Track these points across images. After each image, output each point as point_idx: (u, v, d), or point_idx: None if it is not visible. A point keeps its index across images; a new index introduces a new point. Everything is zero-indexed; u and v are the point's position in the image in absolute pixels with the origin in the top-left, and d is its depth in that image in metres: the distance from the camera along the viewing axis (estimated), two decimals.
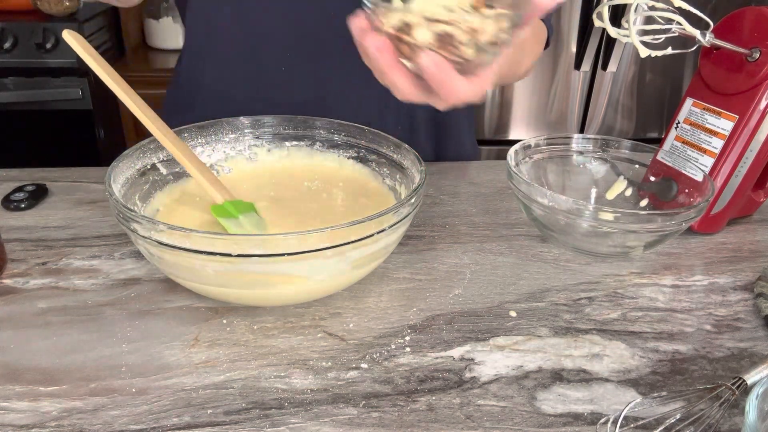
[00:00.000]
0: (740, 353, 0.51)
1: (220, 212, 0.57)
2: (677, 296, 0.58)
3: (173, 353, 0.48)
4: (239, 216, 0.57)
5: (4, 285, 0.56)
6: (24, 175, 0.76)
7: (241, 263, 0.45)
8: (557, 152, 0.72)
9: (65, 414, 0.42)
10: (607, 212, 0.57)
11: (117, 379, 0.45)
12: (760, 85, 0.62)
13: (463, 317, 0.54)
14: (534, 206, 0.62)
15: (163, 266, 0.50)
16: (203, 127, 0.65)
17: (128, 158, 0.57)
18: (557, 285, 0.59)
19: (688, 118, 0.69)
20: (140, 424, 0.42)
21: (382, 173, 0.65)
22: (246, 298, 0.52)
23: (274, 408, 0.43)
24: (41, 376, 0.45)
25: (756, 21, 0.64)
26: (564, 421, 0.43)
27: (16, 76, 1.64)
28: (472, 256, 0.63)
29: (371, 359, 0.48)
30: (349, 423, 0.42)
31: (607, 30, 0.61)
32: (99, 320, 0.52)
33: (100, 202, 0.71)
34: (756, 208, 0.74)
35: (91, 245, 0.62)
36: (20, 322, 0.51)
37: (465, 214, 0.72)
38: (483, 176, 0.82)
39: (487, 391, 0.46)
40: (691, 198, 0.65)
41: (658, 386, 0.47)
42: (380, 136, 0.64)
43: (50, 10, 1.68)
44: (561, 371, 0.48)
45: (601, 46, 1.78)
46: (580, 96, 1.88)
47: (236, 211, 0.57)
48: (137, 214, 0.47)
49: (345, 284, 0.54)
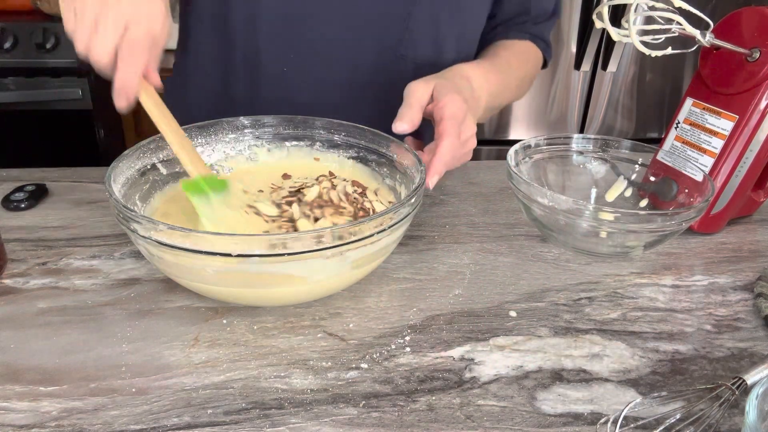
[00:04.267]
0: (740, 353, 0.51)
1: (191, 188, 0.55)
2: (677, 296, 0.58)
3: (173, 353, 0.48)
4: (210, 193, 0.55)
5: (4, 285, 0.56)
6: (24, 175, 0.76)
7: (241, 263, 0.45)
8: (557, 152, 0.72)
9: (65, 414, 0.42)
10: (607, 212, 0.57)
11: (117, 379, 0.45)
12: (760, 85, 0.62)
13: (463, 317, 0.54)
14: (534, 206, 0.62)
15: (163, 266, 0.50)
16: (203, 127, 0.65)
17: (128, 158, 0.57)
18: (557, 285, 0.59)
19: (688, 118, 0.69)
20: (140, 424, 0.42)
21: (382, 173, 0.65)
22: (246, 298, 0.52)
23: (274, 408, 0.43)
24: (41, 376, 0.45)
25: (756, 21, 0.64)
26: (564, 421, 0.43)
27: (16, 76, 1.64)
28: (472, 256, 0.63)
29: (371, 359, 0.48)
30: (349, 423, 0.42)
31: (607, 30, 0.61)
32: (99, 320, 0.51)
33: (100, 202, 0.71)
34: (756, 208, 0.74)
35: (91, 245, 0.62)
36: (20, 322, 0.51)
37: (465, 214, 0.72)
38: (483, 176, 0.82)
39: (487, 391, 0.46)
40: (691, 198, 0.65)
41: (658, 386, 0.47)
42: (380, 136, 0.64)
43: (50, 10, 1.68)
44: (561, 371, 0.48)
45: (601, 46, 1.78)
46: (580, 96, 1.88)
47: (208, 187, 0.56)
48: (137, 214, 0.47)
49: (345, 284, 0.54)
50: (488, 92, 0.71)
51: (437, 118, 0.59)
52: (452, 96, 0.60)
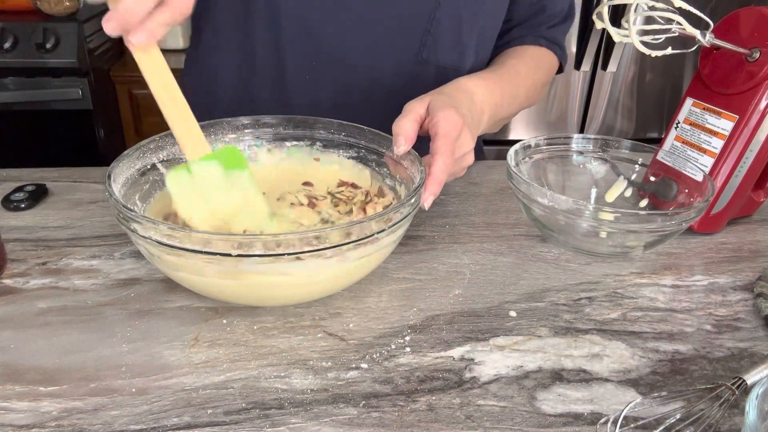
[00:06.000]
0: (740, 353, 0.51)
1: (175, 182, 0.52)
2: (677, 296, 0.58)
3: (173, 353, 0.48)
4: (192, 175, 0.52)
5: (4, 285, 0.56)
6: (24, 175, 0.76)
7: (241, 263, 0.45)
8: (557, 152, 0.72)
9: (65, 414, 0.42)
10: (607, 212, 0.57)
11: (117, 379, 0.45)
12: (760, 85, 0.62)
13: (463, 317, 0.54)
14: (534, 206, 0.62)
15: (163, 266, 0.50)
16: (203, 127, 0.65)
17: (128, 158, 0.57)
18: (557, 285, 0.59)
19: (688, 118, 0.69)
20: (140, 424, 0.42)
21: (382, 173, 0.65)
22: (246, 298, 0.52)
23: (274, 408, 0.43)
24: (41, 376, 0.45)
25: (756, 21, 0.64)
26: (564, 421, 0.43)
27: (16, 76, 1.64)
28: (472, 256, 0.63)
29: (371, 359, 0.48)
30: (349, 423, 0.42)
31: (607, 30, 0.61)
32: (99, 320, 0.51)
33: (100, 202, 0.71)
34: (756, 208, 0.74)
35: (91, 245, 0.62)
36: (20, 322, 0.51)
37: (465, 214, 0.72)
38: (483, 176, 0.82)
39: (487, 391, 0.46)
40: (691, 198, 0.65)
41: (658, 386, 0.47)
42: (380, 136, 0.64)
43: (50, 10, 1.68)
44: (561, 371, 0.48)
45: (601, 46, 1.78)
46: (580, 96, 1.88)
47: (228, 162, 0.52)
48: (137, 214, 0.47)
49: (345, 284, 0.54)
50: (492, 104, 0.70)
51: (432, 134, 0.58)
52: (447, 111, 0.58)
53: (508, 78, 0.75)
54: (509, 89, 0.75)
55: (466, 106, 0.63)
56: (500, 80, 0.73)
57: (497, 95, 0.71)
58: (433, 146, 0.57)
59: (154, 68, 0.50)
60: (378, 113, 0.70)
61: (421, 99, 0.61)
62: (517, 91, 0.77)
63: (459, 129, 0.58)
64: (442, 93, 0.63)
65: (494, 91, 0.70)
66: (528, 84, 0.80)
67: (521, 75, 0.78)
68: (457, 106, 0.60)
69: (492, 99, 0.70)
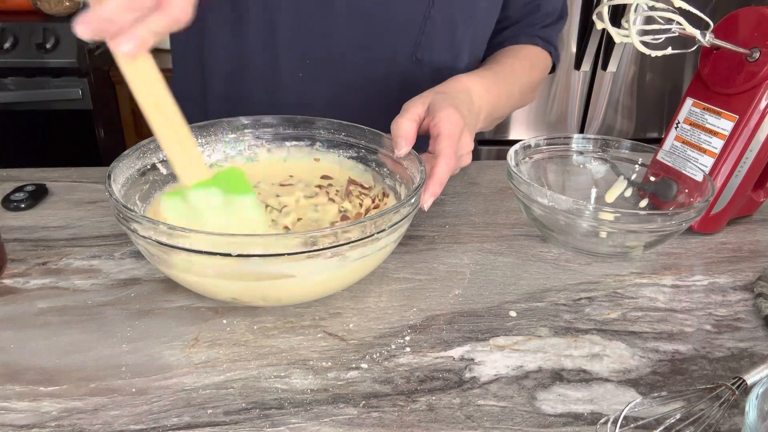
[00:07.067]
0: (740, 353, 0.51)
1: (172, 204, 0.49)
2: (677, 296, 0.58)
3: (173, 353, 0.48)
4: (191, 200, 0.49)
5: (4, 285, 0.56)
6: (24, 175, 0.76)
7: (241, 263, 0.45)
8: (557, 152, 0.72)
9: (65, 414, 0.42)
10: (607, 212, 0.57)
11: (117, 379, 0.45)
12: (760, 85, 0.62)
13: (463, 317, 0.54)
14: (534, 206, 0.62)
15: (163, 266, 0.50)
16: (203, 127, 0.65)
17: (128, 158, 0.57)
18: (557, 285, 0.59)
19: (688, 118, 0.69)
20: (140, 424, 0.42)
21: (382, 173, 0.65)
22: (246, 298, 0.52)
23: (274, 408, 0.43)
24: (41, 376, 0.45)
25: (756, 21, 0.64)
26: (564, 421, 0.43)
27: (16, 76, 1.64)
28: (472, 256, 0.63)
29: (371, 359, 0.48)
30: (349, 423, 0.42)
31: (607, 30, 0.61)
32: (99, 320, 0.51)
33: (100, 202, 0.71)
34: (756, 208, 0.74)
35: (91, 245, 0.62)
36: (20, 322, 0.51)
37: (465, 214, 0.72)
38: (483, 176, 0.82)
39: (487, 391, 0.46)
40: (691, 198, 0.65)
41: (658, 386, 0.47)
42: (380, 136, 0.64)
43: (50, 10, 1.68)
44: (561, 371, 0.48)
45: (601, 46, 1.78)
46: (580, 96, 1.88)
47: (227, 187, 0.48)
48: (137, 214, 0.47)
49: (345, 284, 0.54)
50: (489, 102, 0.70)
51: (434, 134, 0.58)
52: (448, 111, 0.58)
53: (504, 76, 0.75)
54: (506, 88, 0.75)
55: (465, 105, 0.63)
56: (497, 79, 0.73)
57: (494, 94, 0.71)
58: (435, 147, 0.57)
59: (143, 81, 0.44)
60: (372, 112, 0.71)
61: (420, 98, 0.61)
62: (513, 89, 0.77)
63: (461, 129, 0.58)
64: (442, 92, 0.62)
65: (491, 89, 0.70)
66: (523, 83, 0.80)
67: (517, 74, 0.78)
68: (457, 105, 0.60)
69: (489, 98, 0.70)
